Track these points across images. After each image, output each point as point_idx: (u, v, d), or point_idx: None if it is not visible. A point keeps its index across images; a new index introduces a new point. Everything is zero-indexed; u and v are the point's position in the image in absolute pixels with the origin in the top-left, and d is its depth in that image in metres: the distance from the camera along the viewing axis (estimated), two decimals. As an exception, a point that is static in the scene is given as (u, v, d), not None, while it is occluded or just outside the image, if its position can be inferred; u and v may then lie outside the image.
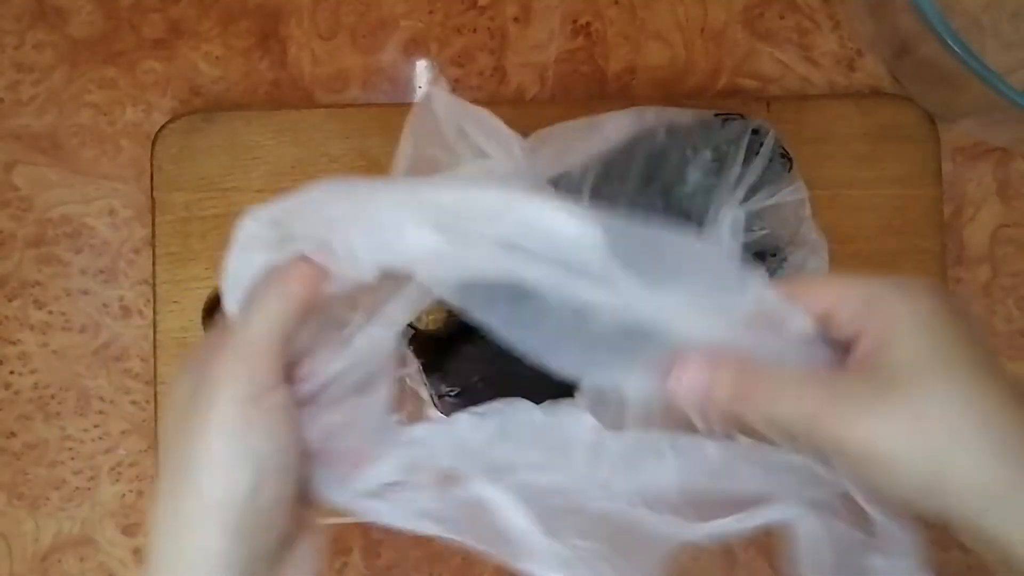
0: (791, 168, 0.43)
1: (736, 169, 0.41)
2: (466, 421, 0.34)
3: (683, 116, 0.43)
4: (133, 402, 0.48)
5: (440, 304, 0.36)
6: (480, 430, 0.33)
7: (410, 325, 0.40)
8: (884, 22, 0.46)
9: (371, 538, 0.47)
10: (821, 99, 0.49)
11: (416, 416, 0.42)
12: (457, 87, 0.49)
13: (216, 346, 0.31)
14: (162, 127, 0.47)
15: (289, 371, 0.31)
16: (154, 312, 0.47)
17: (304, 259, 0.32)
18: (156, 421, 0.46)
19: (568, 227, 0.28)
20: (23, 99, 0.49)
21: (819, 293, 0.30)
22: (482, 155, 0.36)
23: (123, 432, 0.48)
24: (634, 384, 0.31)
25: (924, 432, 0.27)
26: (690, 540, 0.31)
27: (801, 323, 0.30)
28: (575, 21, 0.50)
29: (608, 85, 0.50)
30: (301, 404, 0.31)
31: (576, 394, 0.34)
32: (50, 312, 0.48)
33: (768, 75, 0.50)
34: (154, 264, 0.47)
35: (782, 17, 0.50)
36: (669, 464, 0.32)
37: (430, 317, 0.40)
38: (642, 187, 0.41)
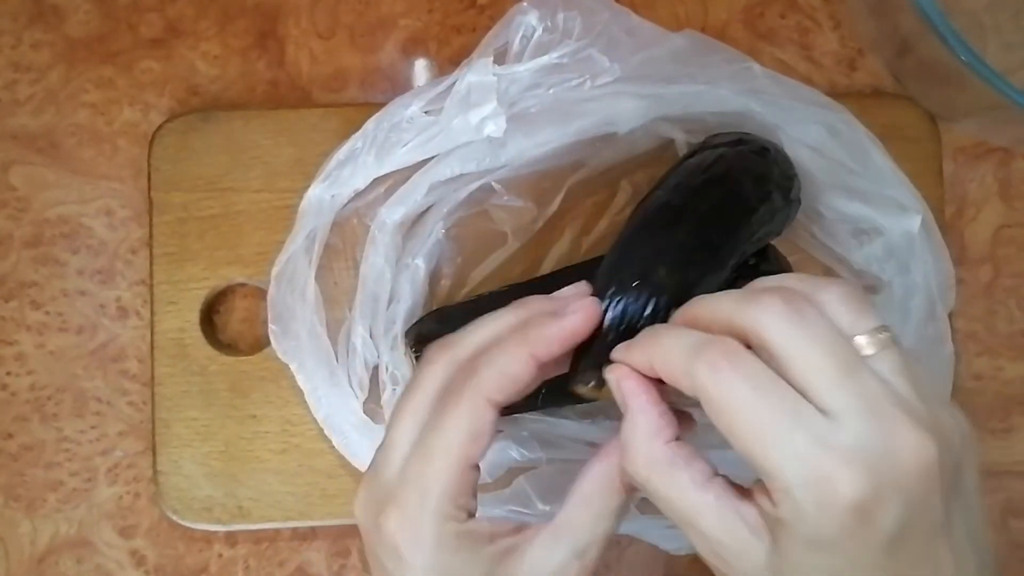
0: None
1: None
2: None
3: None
4: (130, 403, 0.48)
5: None
6: None
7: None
8: (885, 21, 0.46)
9: (369, 540, 0.47)
10: (822, 99, 0.48)
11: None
12: (456, 87, 0.49)
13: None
14: (160, 127, 0.47)
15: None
16: (151, 313, 0.47)
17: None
18: (153, 423, 0.46)
19: None
20: (20, 99, 0.49)
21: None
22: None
23: (120, 433, 0.48)
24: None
25: None
26: None
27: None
28: (575, 20, 0.49)
29: (608, 85, 0.49)
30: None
31: None
32: (47, 313, 0.48)
33: (768, 75, 0.49)
34: (151, 265, 0.47)
35: (783, 16, 0.50)
36: None
37: None
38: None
